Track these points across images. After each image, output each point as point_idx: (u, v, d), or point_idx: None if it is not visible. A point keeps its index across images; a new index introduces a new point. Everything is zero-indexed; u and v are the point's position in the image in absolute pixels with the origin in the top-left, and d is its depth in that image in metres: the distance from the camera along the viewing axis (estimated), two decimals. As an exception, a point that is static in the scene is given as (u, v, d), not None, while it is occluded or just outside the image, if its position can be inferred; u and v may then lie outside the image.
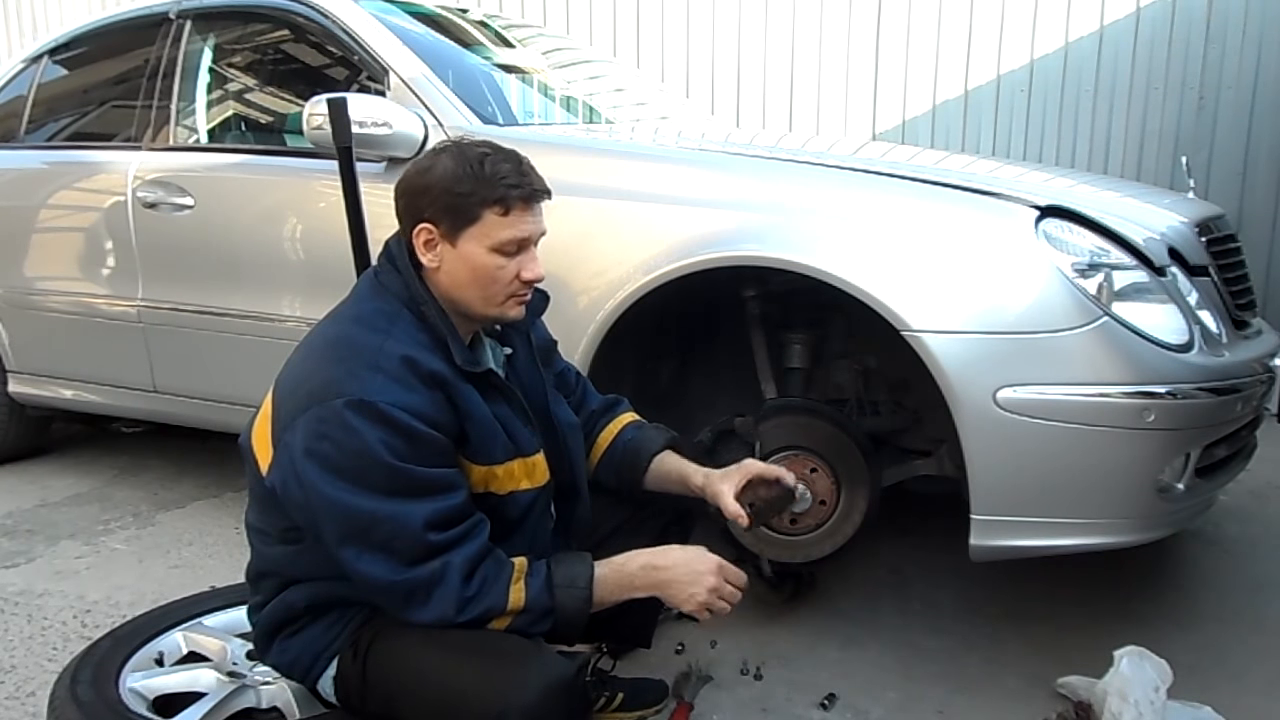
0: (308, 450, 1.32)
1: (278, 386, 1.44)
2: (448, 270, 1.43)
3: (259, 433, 1.45)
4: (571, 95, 3.11)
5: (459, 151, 1.43)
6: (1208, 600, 2.35)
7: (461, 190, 1.39)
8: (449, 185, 1.39)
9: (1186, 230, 2.17)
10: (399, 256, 1.46)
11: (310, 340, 1.48)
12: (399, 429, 1.31)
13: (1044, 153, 4.70)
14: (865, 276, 1.87)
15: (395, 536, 1.32)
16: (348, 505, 1.31)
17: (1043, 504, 1.84)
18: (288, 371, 1.45)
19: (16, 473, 3.40)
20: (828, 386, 2.29)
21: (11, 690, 1.99)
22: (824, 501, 2.10)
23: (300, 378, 1.40)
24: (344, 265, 2.17)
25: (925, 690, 1.97)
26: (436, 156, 1.44)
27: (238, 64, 2.98)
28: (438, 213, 1.41)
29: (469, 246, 1.41)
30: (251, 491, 1.52)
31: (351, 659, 1.44)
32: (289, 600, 1.48)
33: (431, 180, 1.41)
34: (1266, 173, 4.45)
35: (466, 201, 1.39)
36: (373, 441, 1.30)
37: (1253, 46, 4.41)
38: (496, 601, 1.35)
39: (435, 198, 1.40)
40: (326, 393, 1.32)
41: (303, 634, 1.48)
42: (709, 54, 5.10)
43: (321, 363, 1.39)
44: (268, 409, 1.44)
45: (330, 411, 1.31)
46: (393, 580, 1.33)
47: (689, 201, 2.07)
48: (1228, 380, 1.91)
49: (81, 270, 3.03)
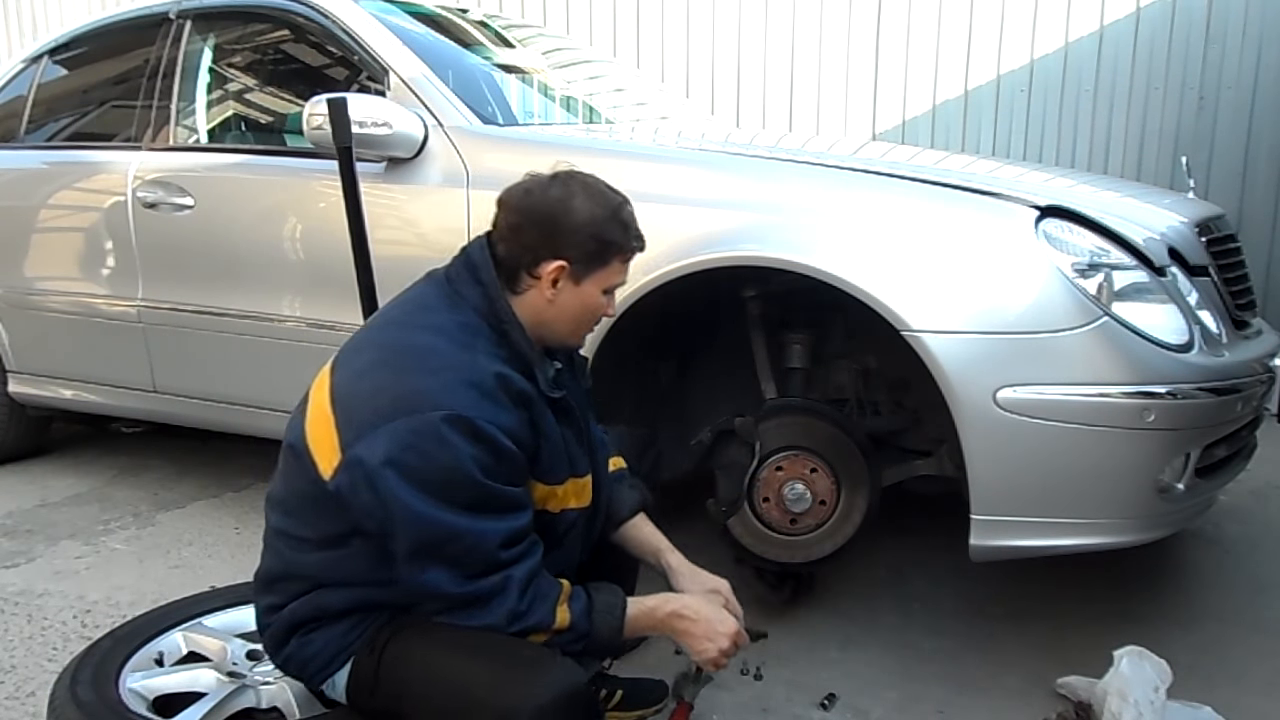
0: (391, 460, 1.31)
1: (342, 390, 1.40)
2: (560, 304, 1.46)
3: (319, 435, 1.40)
4: (571, 95, 3.11)
5: (596, 193, 1.46)
6: (1208, 600, 2.35)
7: (607, 238, 1.45)
8: (596, 231, 1.44)
9: (1186, 230, 2.17)
10: (484, 270, 1.46)
11: (382, 347, 1.44)
12: (492, 446, 1.33)
13: (1044, 153, 4.70)
14: (865, 276, 1.87)
15: (470, 552, 1.34)
16: (430, 519, 1.32)
17: (1043, 504, 1.85)
18: (356, 376, 1.41)
19: (16, 473, 3.40)
20: (828, 386, 2.29)
21: (11, 690, 1.99)
22: (824, 501, 2.10)
23: (381, 385, 1.36)
24: (344, 265, 2.18)
25: (925, 690, 1.97)
26: (568, 191, 1.45)
27: (238, 64, 2.98)
28: (577, 254, 1.44)
29: (590, 287, 1.47)
30: (292, 493, 1.47)
31: (368, 655, 1.44)
32: (321, 602, 1.45)
33: (577, 222, 1.43)
34: (1266, 173, 4.45)
35: (607, 249, 1.46)
36: (465, 457, 1.31)
37: (1253, 46, 4.41)
38: (544, 619, 1.39)
39: (580, 241, 1.44)
40: (420, 404, 1.31)
41: (324, 631, 1.47)
42: (709, 54, 5.10)
43: (408, 373, 1.36)
44: (326, 410, 1.40)
45: (425, 424, 1.30)
46: (456, 593, 1.36)
47: (689, 201, 2.07)
48: (1228, 380, 1.91)
49: (81, 270, 3.03)
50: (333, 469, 1.36)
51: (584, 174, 1.50)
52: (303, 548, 1.46)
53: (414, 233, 2.40)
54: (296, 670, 1.52)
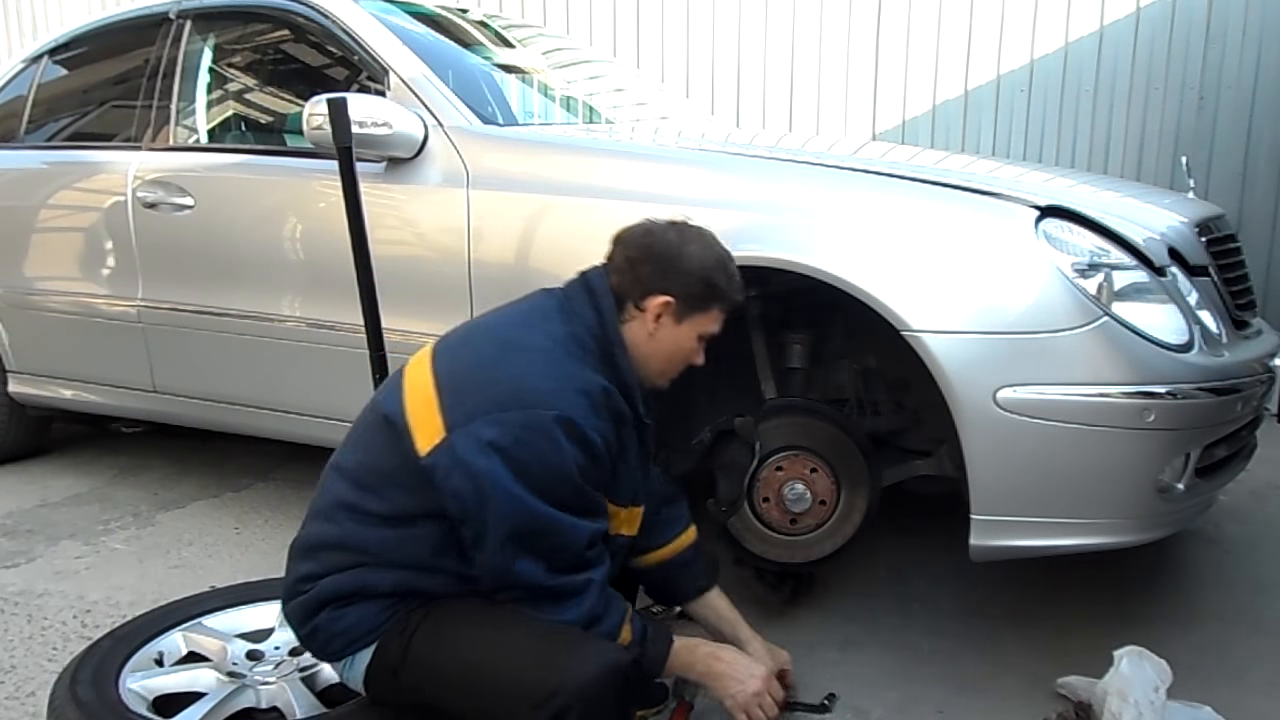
0: (498, 447, 1.37)
1: (454, 373, 1.46)
2: (658, 339, 1.56)
3: (421, 412, 1.44)
4: (571, 95, 3.11)
5: (707, 242, 1.58)
6: (1208, 600, 2.35)
7: (714, 283, 1.56)
8: (706, 276, 1.55)
9: (1186, 230, 2.17)
10: (603, 296, 1.55)
11: (502, 343, 1.50)
12: (591, 452, 1.43)
13: (1044, 153, 4.70)
14: (865, 276, 1.87)
15: (561, 546, 1.42)
16: (530, 507, 1.38)
17: (1043, 504, 1.84)
18: (473, 363, 1.47)
19: (16, 473, 3.40)
20: (828, 386, 2.29)
21: (11, 690, 1.99)
22: (824, 501, 2.10)
23: (497, 377, 1.43)
24: (344, 265, 2.18)
25: (925, 690, 1.97)
26: (684, 236, 1.56)
27: (238, 64, 2.98)
28: (684, 293, 1.54)
29: (687, 329, 1.57)
30: (367, 466, 1.49)
31: (397, 636, 1.45)
32: (367, 579, 1.47)
33: (689, 264, 1.54)
34: (1266, 173, 4.45)
35: (712, 295, 1.57)
36: (568, 458, 1.39)
37: (1253, 46, 4.41)
38: (613, 628, 1.47)
39: (689, 282, 1.54)
40: (534, 401, 1.40)
41: (358, 608, 1.47)
42: (709, 54, 5.10)
43: (526, 369, 1.44)
44: (428, 391, 1.44)
45: (537, 419, 1.38)
46: (545, 584, 1.42)
47: (689, 202, 2.06)
48: (1228, 380, 1.91)
49: (81, 270, 3.03)
50: (431, 446, 1.40)
51: (699, 226, 1.61)
52: (367, 521, 1.47)
53: (414, 233, 2.40)
54: (321, 644, 1.51)
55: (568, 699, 1.29)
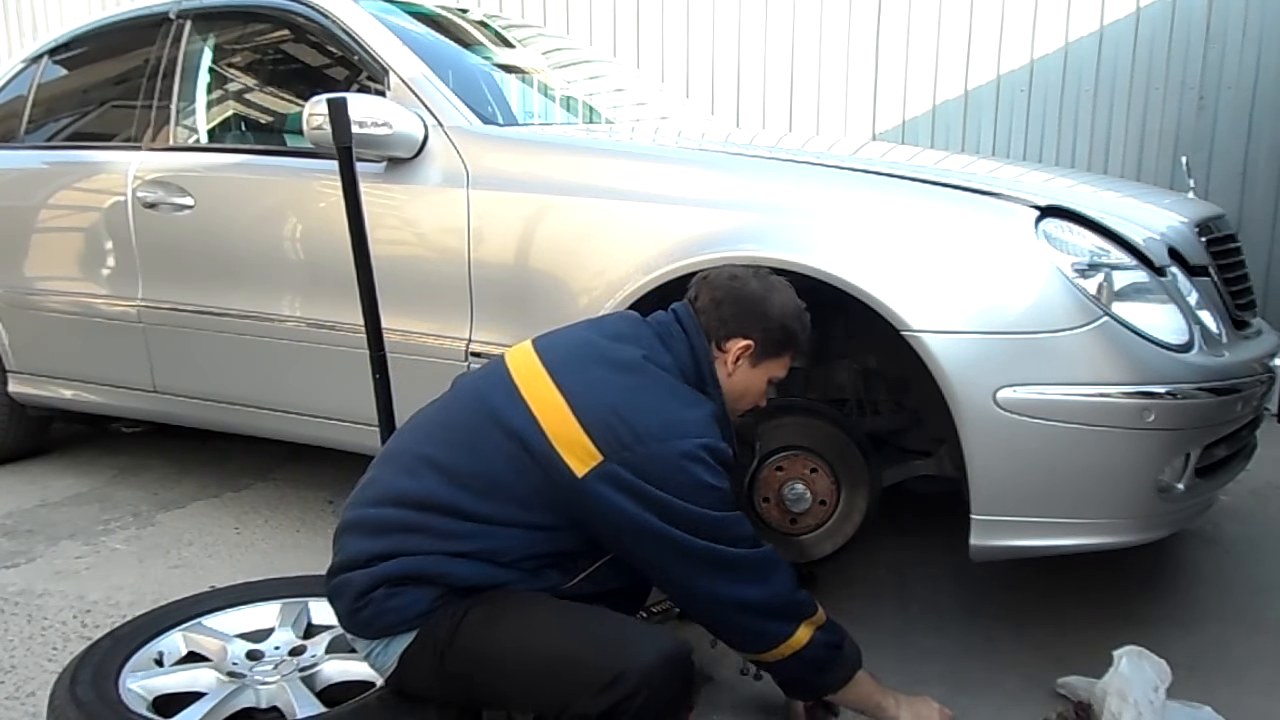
0: (651, 476, 1.45)
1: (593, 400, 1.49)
2: (734, 380, 1.65)
3: (565, 435, 1.47)
4: (571, 95, 3.11)
5: (788, 293, 1.68)
6: (1208, 600, 2.35)
7: (792, 330, 1.66)
8: (786, 324, 1.65)
9: (1186, 230, 2.17)
10: (696, 335, 1.62)
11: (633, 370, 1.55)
12: (729, 470, 1.54)
13: (1044, 153, 4.70)
14: (865, 276, 1.87)
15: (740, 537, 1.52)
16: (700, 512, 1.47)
17: (1043, 504, 1.84)
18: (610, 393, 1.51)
19: (16, 473, 3.40)
20: (828, 386, 2.29)
21: (11, 690, 1.99)
22: (824, 501, 2.10)
23: (643, 408, 1.50)
24: (344, 265, 2.18)
25: (925, 690, 1.95)
26: (770, 286, 1.67)
27: (238, 64, 2.98)
28: (763, 338, 1.63)
29: (762, 372, 1.67)
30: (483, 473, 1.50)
31: (447, 618, 1.45)
32: (447, 568, 1.47)
33: (773, 310, 1.64)
34: (1266, 173, 4.45)
35: (789, 341, 1.66)
36: (717, 477, 1.50)
37: (1253, 46, 4.41)
38: (810, 602, 1.59)
39: (771, 328, 1.64)
40: (684, 431, 1.49)
41: (415, 589, 1.48)
42: (709, 54, 5.10)
43: (668, 402, 1.53)
44: (565, 413, 1.48)
45: (689, 449, 1.48)
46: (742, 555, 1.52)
47: (689, 201, 2.07)
48: (1228, 380, 1.91)
49: (81, 270, 3.03)
50: (588, 469, 1.45)
51: (779, 277, 1.71)
52: (461, 517, 1.48)
53: (414, 233, 2.40)
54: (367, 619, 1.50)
55: (634, 684, 1.30)
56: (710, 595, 1.52)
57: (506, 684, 1.42)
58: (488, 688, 1.45)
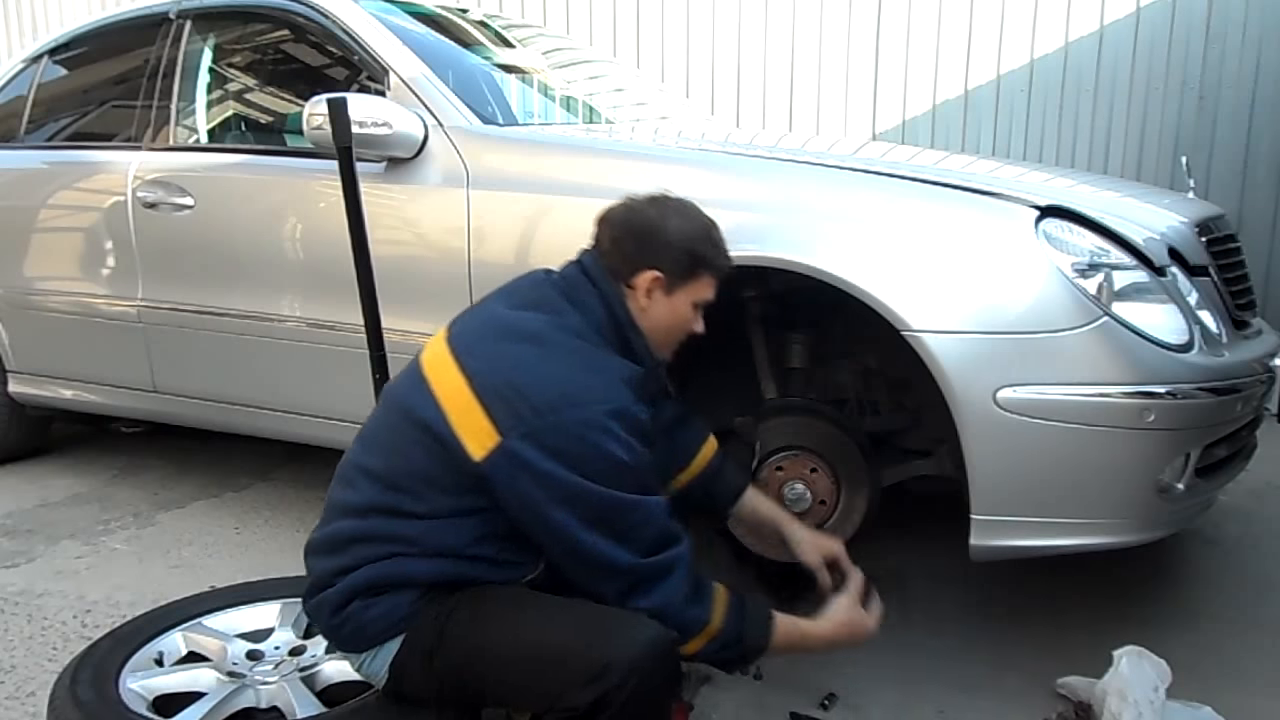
0: (555, 450, 1.39)
1: (493, 378, 1.44)
2: (653, 314, 1.58)
3: (466, 419, 1.43)
4: (571, 95, 3.11)
5: (690, 213, 1.60)
6: (1208, 600, 2.35)
7: (699, 253, 1.57)
8: (689, 246, 1.57)
9: (1186, 230, 2.17)
10: (603, 282, 1.56)
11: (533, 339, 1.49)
12: (644, 436, 1.46)
13: (1044, 153, 4.70)
14: (865, 276, 1.87)
15: (641, 524, 1.43)
16: (599, 494, 1.40)
17: (1043, 504, 1.85)
18: (511, 366, 1.45)
19: (16, 473, 3.40)
20: (828, 386, 2.29)
21: (11, 690, 1.99)
22: (824, 501, 2.10)
23: (547, 379, 1.43)
24: (344, 265, 2.18)
25: (925, 690, 1.97)
26: (665, 210, 1.59)
27: (238, 64, 2.98)
28: (670, 265, 1.56)
29: (680, 299, 1.59)
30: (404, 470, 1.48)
31: (431, 620, 1.45)
32: (403, 569, 1.46)
33: (673, 235, 1.56)
34: (1266, 173, 4.45)
35: (698, 262, 1.58)
36: (625, 447, 1.42)
37: (1253, 46, 4.41)
38: (705, 613, 1.47)
39: (674, 254, 1.56)
40: (587, 399, 1.42)
41: (389, 598, 1.47)
42: (709, 54, 5.10)
43: (569, 368, 1.46)
44: (467, 395, 1.43)
45: (591, 416, 1.41)
46: (633, 564, 1.42)
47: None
48: (1228, 380, 1.91)
49: (81, 270, 3.03)
50: (486, 451, 1.41)
51: (679, 198, 1.63)
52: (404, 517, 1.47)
53: (414, 233, 2.40)
54: (349, 635, 1.50)
55: (621, 674, 1.29)
56: (599, 596, 1.46)
57: (496, 681, 1.41)
58: (479, 686, 1.44)
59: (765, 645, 1.53)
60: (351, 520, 1.51)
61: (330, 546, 1.52)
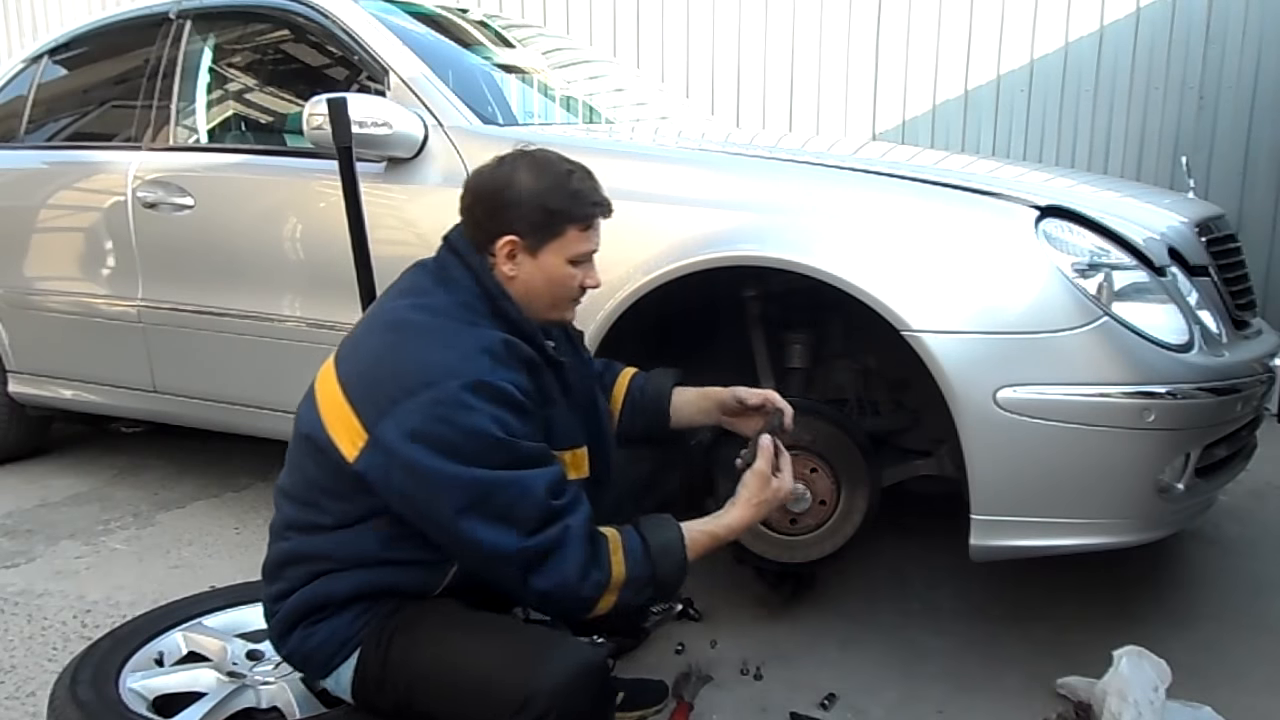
0: (418, 433, 1.33)
1: (356, 373, 1.43)
2: (523, 278, 1.49)
3: (337, 422, 1.41)
4: (571, 95, 3.11)
5: (541, 165, 1.49)
6: (1208, 600, 2.35)
7: (552, 206, 1.47)
8: (540, 201, 1.46)
9: (1186, 230, 2.17)
10: (468, 255, 1.50)
11: (392, 327, 1.46)
12: (513, 405, 1.37)
13: (1044, 153, 4.70)
14: (865, 276, 1.87)
15: (518, 502, 1.34)
16: (468, 477, 1.33)
17: (1043, 504, 1.84)
18: (371, 358, 1.43)
19: (16, 473, 3.40)
20: (828, 386, 2.29)
21: (11, 690, 1.99)
22: (824, 501, 2.10)
23: (400, 363, 1.39)
24: (344, 265, 2.18)
25: (925, 690, 1.97)
26: (513, 168, 1.49)
27: (238, 64, 2.98)
28: (526, 226, 1.47)
29: (549, 258, 1.49)
30: (309, 479, 1.48)
31: (375, 648, 1.44)
32: (328, 588, 1.46)
33: (520, 195, 1.47)
34: (1266, 173, 4.45)
35: (555, 218, 1.47)
36: (489, 420, 1.34)
37: (1253, 46, 4.41)
38: (603, 574, 1.38)
39: (525, 212, 1.47)
40: (439, 374, 1.35)
41: (329, 622, 1.47)
42: (709, 54, 5.10)
43: (424, 348, 1.39)
44: (339, 398, 1.42)
45: (447, 393, 1.33)
46: (518, 547, 1.34)
47: (689, 201, 2.07)
48: (1228, 380, 1.91)
49: (81, 270, 3.03)
50: (357, 450, 1.38)
51: (536, 151, 1.53)
52: (318, 532, 1.47)
53: (414, 233, 2.40)
54: (301, 663, 1.52)
55: (543, 705, 1.27)
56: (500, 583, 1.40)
57: (439, 705, 1.39)
58: (427, 707, 1.41)
59: (682, 570, 1.45)
60: (278, 543, 1.53)
61: (267, 572, 1.55)
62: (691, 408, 1.81)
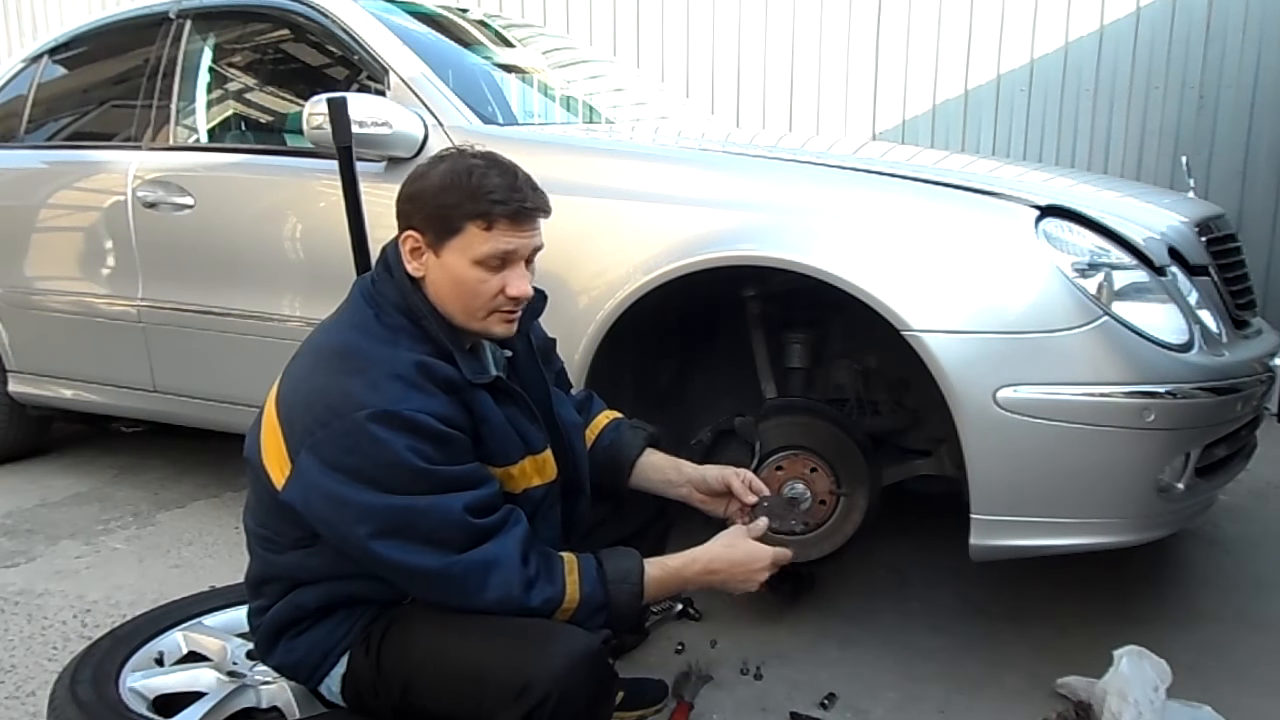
0: (333, 464, 1.32)
1: (283, 400, 1.41)
2: (432, 280, 1.43)
3: (269, 448, 1.41)
4: (571, 95, 3.11)
5: (455, 161, 1.42)
6: (1208, 600, 2.35)
7: (447, 201, 1.39)
8: (436, 195, 1.40)
9: (1186, 230, 2.17)
10: (395, 266, 1.46)
11: (314, 351, 1.45)
12: (426, 433, 1.32)
13: (1044, 153, 4.70)
14: (865, 276, 1.87)
15: (439, 527, 1.32)
16: (384, 505, 1.31)
17: (1043, 504, 1.84)
18: (293, 384, 1.42)
19: (16, 473, 3.40)
20: (828, 386, 2.29)
21: (11, 690, 1.99)
22: (824, 501, 2.10)
23: (313, 391, 1.37)
24: (344, 265, 2.18)
25: (925, 690, 1.97)
26: (435, 163, 1.44)
27: (238, 64, 2.98)
28: (424, 221, 1.41)
29: (451, 258, 1.41)
30: (259, 502, 1.49)
31: (364, 653, 1.43)
32: (299, 601, 1.47)
33: (423, 188, 1.41)
34: (1266, 173, 4.45)
35: (450, 213, 1.39)
36: (401, 450, 1.30)
37: (1253, 46, 4.41)
38: (556, 591, 1.37)
39: (423, 205, 1.41)
40: (347, 405, 1.31)
41: (310, 633, 1.47)
42: (709, 54, 5.10)
43: (335, 375, 1.36)
44: (274, 422, 1.41)
45: (354, 424, 1.30)
46: (446, 566, 1.32)
47: (689, 201, 2.07)
48: (1228, 380, 1.91)
49: (81, 270, 3.03)
50: (284, 479, 1.37)
51: (470, 149, 1.46)
52: (278, 549, 1.48)
53: (414, 232, 2.39)
54: (290, 673, 1.54)
55: (542, 691, 1.25)
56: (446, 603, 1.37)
57: (435, 703, 1.37)
58: (423, 707, 1.40)
59: (638, 603, 1.43)
60: (251, 559, 1.55)
61: (248, 587, 1.56)
62: (658, 475, 1.73)
